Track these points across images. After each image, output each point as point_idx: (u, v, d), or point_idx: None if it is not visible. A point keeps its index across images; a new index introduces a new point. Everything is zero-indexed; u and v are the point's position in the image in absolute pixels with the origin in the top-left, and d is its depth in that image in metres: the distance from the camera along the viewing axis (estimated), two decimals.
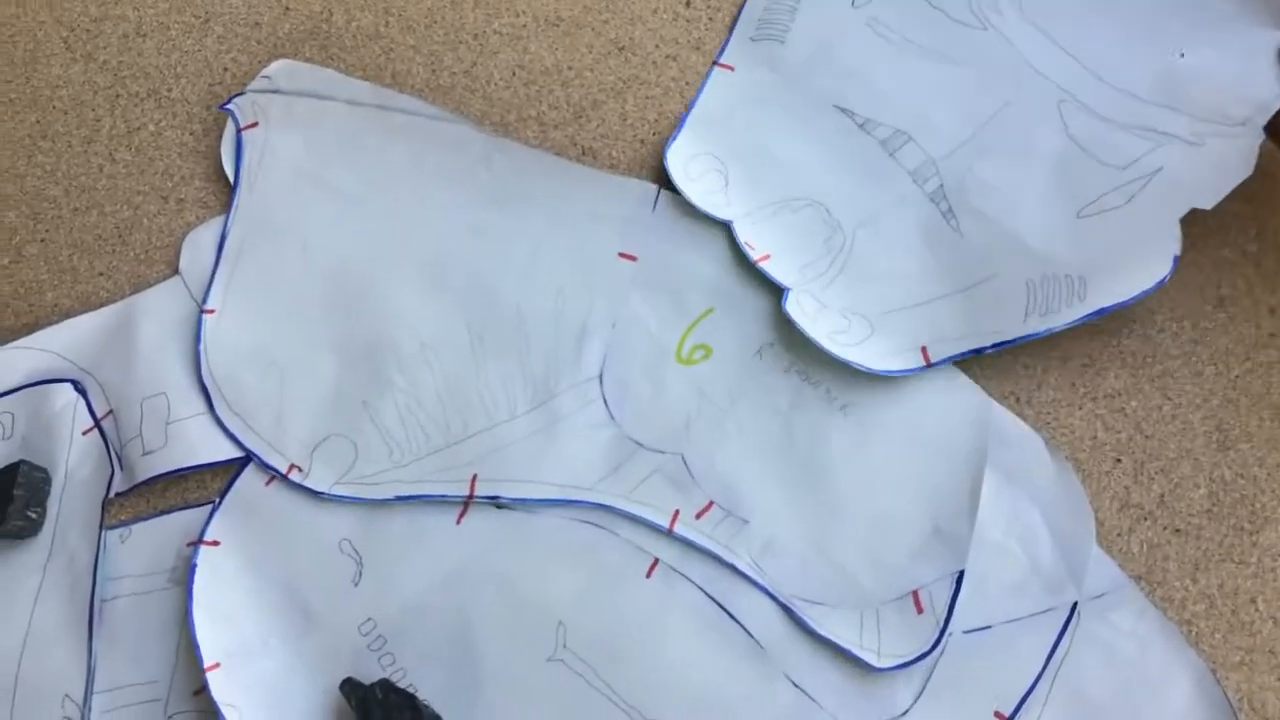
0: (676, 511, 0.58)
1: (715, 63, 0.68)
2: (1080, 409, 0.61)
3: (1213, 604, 0.57)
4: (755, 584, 0.57)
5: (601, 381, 0.61)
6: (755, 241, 0.62)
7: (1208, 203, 0.57)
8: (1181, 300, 0.62)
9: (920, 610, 0.55)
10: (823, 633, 0.55)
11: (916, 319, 0.60)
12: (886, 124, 0.64)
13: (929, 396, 0.59)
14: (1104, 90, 0.64)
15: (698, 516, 0.58)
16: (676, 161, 0.64)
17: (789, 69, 0.67)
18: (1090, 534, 0.57)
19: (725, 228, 0.63)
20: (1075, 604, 0.55)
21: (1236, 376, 0.61)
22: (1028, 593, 0.56)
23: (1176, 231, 0.57)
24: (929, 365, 0.58)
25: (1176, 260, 0.56)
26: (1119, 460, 0.60)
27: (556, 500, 0.58)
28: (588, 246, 0.64)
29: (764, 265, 0.61)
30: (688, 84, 0.68)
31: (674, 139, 0.65)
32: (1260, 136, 0.60)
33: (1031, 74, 0.65)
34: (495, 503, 0.59)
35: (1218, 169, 0.59)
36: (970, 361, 0.60)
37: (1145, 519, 0.59)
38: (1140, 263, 0.57)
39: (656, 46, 0.69)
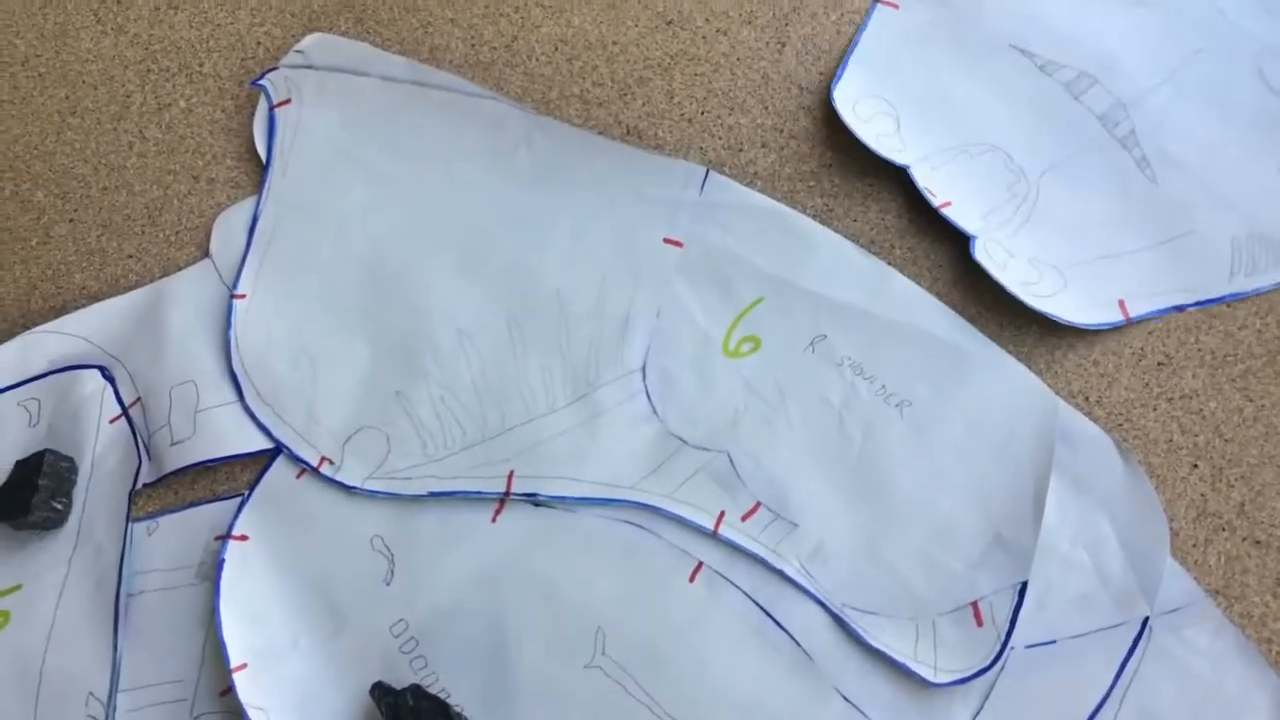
0: (722, 513, 0.56)
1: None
2: (1155, 410, 0.58)
3: None
4: (804, 591, 0.55)
5: (644, 374, 0.59)
6: (935, 187, 0.60)
7: None
8: (1266, 295, 0.59)
9: (980, 622, 0.53)
10: (876, 644, 0.53)
11: (1111, 271, 0.58)
12: (1070, 66, 0.63)
13: (992, 395, 0.57)
14: None
15: (744, 518, 0.56)
16: (845, 103, 0.63)
17: (960, 6, 0.65)
18: (1164, 544, 0.54)
19: (774, 212, 0.61)
20: (1146, 619, 0.53)
21: None
22: (1096, 606, 0.53)
23: None
24: (1129, 320, 0.57)
25: None
26: (1196, 465, 0.57)
27: (596, 499, 0.57)
28: (632, 231, 0.61)
29: (946, 211, 0.59)
30: (739, 60, 0.65)
31: (839, 79, 0.63)
32: None
33: (1225, 23, 0.63)
34: (533, 500, 0.57)
35: None
36: (1037, 356, 0.58)
37: (1223, 529, 0.56)
38: None
39: (707, 20, 0.66)
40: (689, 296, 0.60)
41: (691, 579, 0.55)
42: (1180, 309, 0.57)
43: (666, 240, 0.61)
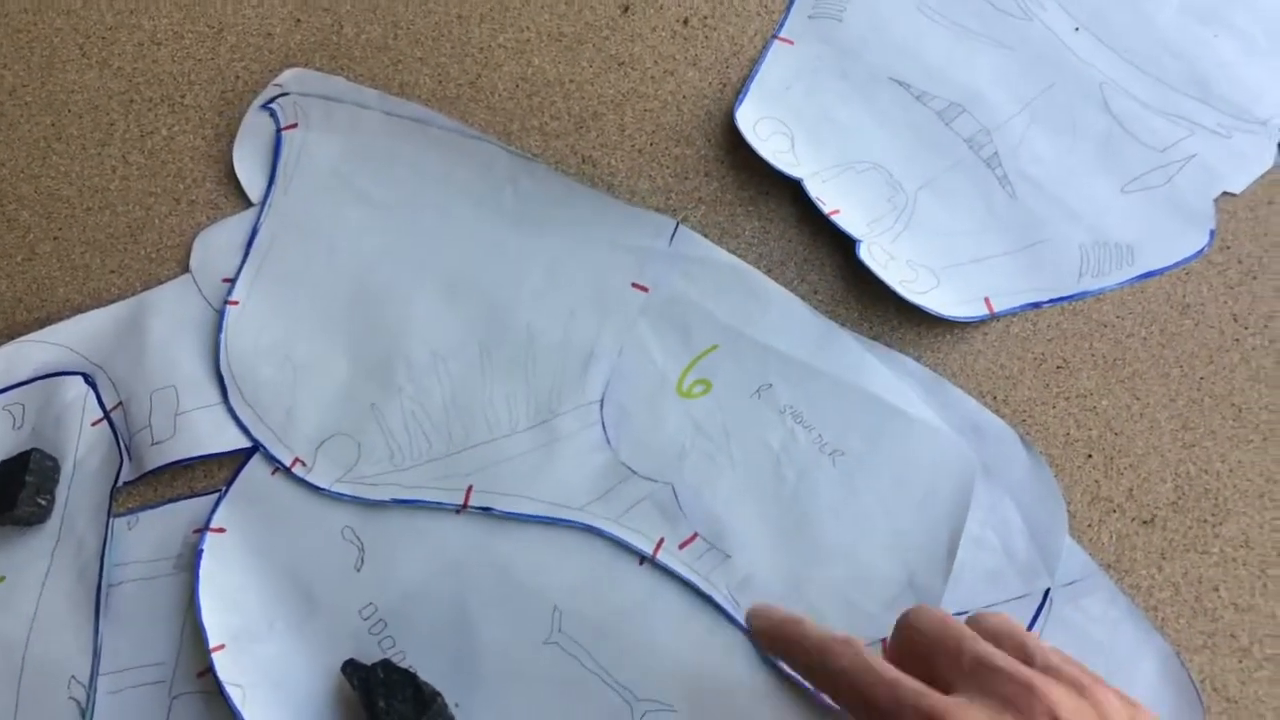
0: (661, 539, 0.60)
1: (775, 36, 0.72)
2: (1054, 408, 0.63)
3: (1177, 591, 0.59)
4: (730, 618, 0.58)
5: (602, 406, 0.63)
6: (825, 197, 0.65)
7: (1236, 188, 0.66)
8: (1149, 307, 0.65)
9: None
10: (791, 671, 0.57)
11: (978, 273, 0.64)
12: (942, 96, 0.69)
13: (919, 452, 0.61)
14: (1141, 77, 0.70)
15: (681, 546, 0.60)
16: (746, 123, 0.67)
17: (846, 44, 0.71)
18: (1063, 525, 0.59)
19: (735, 268, 0.65)
20: (1048, 590, 0.58)
21: (1201, 378, 0.64)
22: (1003, 580, 0.58)
23: (1212, 210, 0.66)
24: (993, 314, 0.62)
25: (1213, 234, 0.65)
26: (1090, 456, 0.62)
27: (545, 517, 0.60)
28: (603, 274, 0.65)
29: (835, 218, 0.65)
30: (684, 98, 0.70)
31: (740, 102, 0.69)
32: (1278, 136, 0.68)
33: (1074, 60, 0.71)
34: (488, 514, 0.61)
35: (1241, 160, 0.67)
36: (951, 361, 0.64)
37: (1114, 511, 0.61)
38: (1181, 235, 0.65)
39: (655, 63, 0.71)
40: (650, 338, 0.64)
41: (640, 564, 0.60)
42: (1036, 305, 0.63)
43: (634, 285, 0.65)
